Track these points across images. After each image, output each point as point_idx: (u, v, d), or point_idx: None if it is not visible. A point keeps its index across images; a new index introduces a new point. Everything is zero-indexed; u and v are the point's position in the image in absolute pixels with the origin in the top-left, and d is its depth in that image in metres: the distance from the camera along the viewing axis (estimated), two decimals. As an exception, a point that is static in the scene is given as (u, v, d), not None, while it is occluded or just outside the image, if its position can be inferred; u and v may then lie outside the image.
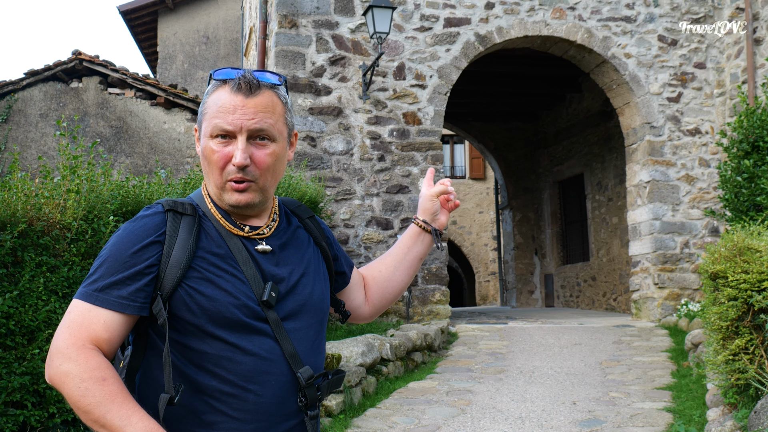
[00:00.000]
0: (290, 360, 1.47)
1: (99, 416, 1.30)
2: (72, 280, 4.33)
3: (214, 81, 1.52)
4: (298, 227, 1.65)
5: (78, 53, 11.12)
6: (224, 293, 1.43)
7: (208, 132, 1.49)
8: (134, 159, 11.42)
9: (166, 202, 1.50)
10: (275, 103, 1.52)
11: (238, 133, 1.47)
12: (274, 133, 1.51)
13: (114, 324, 1.39)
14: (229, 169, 1.48)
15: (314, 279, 1.59)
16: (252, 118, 1.47)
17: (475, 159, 21.71)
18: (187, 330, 1.41)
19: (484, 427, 5.36)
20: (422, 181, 9.57)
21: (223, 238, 1.49)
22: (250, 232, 1.53)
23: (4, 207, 4.05)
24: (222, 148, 1.48)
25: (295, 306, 1.51)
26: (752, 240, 4.69)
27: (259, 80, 1.50)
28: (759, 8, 9.83)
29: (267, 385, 1.44)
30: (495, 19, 9.94)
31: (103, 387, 1.32)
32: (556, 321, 10.76)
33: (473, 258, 21.66)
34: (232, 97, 1.48)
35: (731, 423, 4.43)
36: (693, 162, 10.34)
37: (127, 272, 1.41)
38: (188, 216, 1.49)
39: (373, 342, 6.91)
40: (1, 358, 3.97)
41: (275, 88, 1.53)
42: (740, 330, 4.48)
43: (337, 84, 9.43)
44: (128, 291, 1.40)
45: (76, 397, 1.32)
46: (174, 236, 1.45)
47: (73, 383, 1.32)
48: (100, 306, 1.39)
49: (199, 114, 1.54)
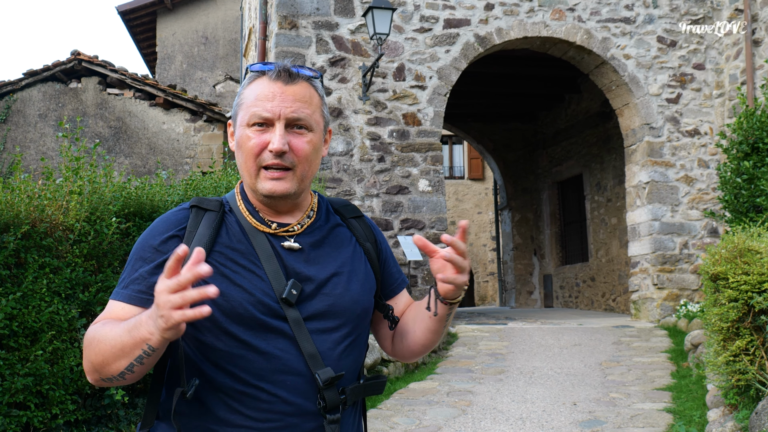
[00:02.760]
0: (309, 360, 1.42)
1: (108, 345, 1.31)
2: (75, 282, 4.33)
3: (252, 73, 1.51)
4: (339, 225, 1.59)
5: (77, 53, 11.12)
6: (239, 289, 1.40)
7: (245, 120, 1.47)
8: (133, 159, 11.41)
9: (195, 199, 1.51)
10: (312, 94, 1.51)
11: (276, 120, 1.45)
12: (312, 123, 1.49)
13: (131, 317, 1.40)
14: (264, 156, 1.46)
15: (349, 279, 1.52)
16: (290, 106, 1.46)
17: (474, 159, 21.73)
18: (202, 326, 1.40)
19: (485, 427, 5.37)
20: (422, 182, 9.62)
21: (246, 234, 1.47)
22: (277, 229, 1.49)
23: (7, 208, 4.06)
24: (259, 135, 1.46)
25: (322, 306, 1.46)
26: (752, 241, 4.70)
27: (298, 71, 1.50)
28: (758, 9, 9.85)
29: (281, 384, 1.40)
30: (494, 21, 9.96)
31: (105, 327, 1.35)
32: (556, 321, 10.78)
33: (472, 258, 21.69)
34: (271, 84, 1.47)
35: (732, 424, 4.44)
36: (692, 163, 10.36)
37: (146, 267, 1.42)
38: (211, 212, 1.48)
39: (374, 343, 6.92)
40: (4, 359, 3.97)
41: (312, 80, 1.52)
42: (741, 331, 4.49)
43: (337, 85, 9.44)
44: (147, 285, 1.40)
45: (92, 353, 1.34)
46: (193, 231, 1.45)
47: (87, 347, 1.35)
48: (122, 301, 1.41)
49: (235, 107, 1.53)
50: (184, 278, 1.19)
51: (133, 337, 1.27)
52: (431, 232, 9.57)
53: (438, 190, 9.65)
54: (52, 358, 4.19)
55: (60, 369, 4.18)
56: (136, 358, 1.29)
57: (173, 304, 1.19)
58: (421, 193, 9.59)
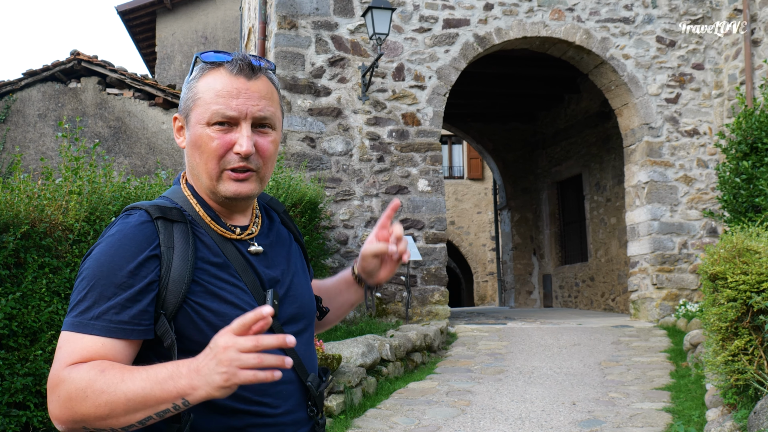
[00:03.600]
0: (297, 368, 1.40)
1: (122, 397, 1.16)
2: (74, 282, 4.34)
3: (204, 64, 1.39)
4: (279, 224, 1.56)
5: (76, 53, 11.12)
6: (230, 306, 1.33)
7: (205, 119, 1.36)
8: (133, 159, 11.42)
9: (152, 208, 1.35)
10: (272, 89, 1.42)
11: (242, 120, 1.36)
12: (275, 122, 1.41)
13: (114, 353, 1.24)
14: (229, 158, 1.36)
15: (303, 279, 1.51)
16: (256, 104, 1.37)
17: (473, 159, 21.74)
18: (193, 350, 1.24)
19: (485, 427, 5.37)
20: (421, 182, 9.62)
21: (218, 246, 1.38)
22: (241, 234, 1.42)
23: (7, 208, 4.06)
24: (222, 136, 1.35)
25: (293, 310, 1.44)
26: (751, 241, 4.70)
27: (259, 64, 1.40)
28: (757, 9, 9.86)
29: (280, 396, 1.37)
30: (494, 20, 9.96)
31: (106, 374, 1.18)
32: (555, 321, 10.79)
33: (471, 258, 21.69)
34: (233, 80, 1.36)
35: (731, 423, 4.45)
36: (691, 163, 10.37)
37: (126, 293, 1.26)
38: (180, 223, 1.35)
39: (373, 343, 6.92)
40: (3, 359, 3.98)
41: (269, 73, 1.43)
42: (739, 331, 4.50)
43: (336, 85, 9.44)
44: (130, 314, 1.25)
45: (90, 406, 1.17)
46: (170, 248, 1.32)
47: (78, 398, 1.18)
48: (98, 335, 1.24)
49: (186, 101, 1.40)
50: (267, 342, 1.13)
51: (165, 390, 1.16)
52: (431, 232, 9.57)
53: (437, 190, 9.66)
54: (52, 358, 4.19)
55: (59, 369, 4.17)
56: (159, 411, 1.17)
57: (244, 363, 1.12)
58: (420, 193, 9.60)
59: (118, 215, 1.40)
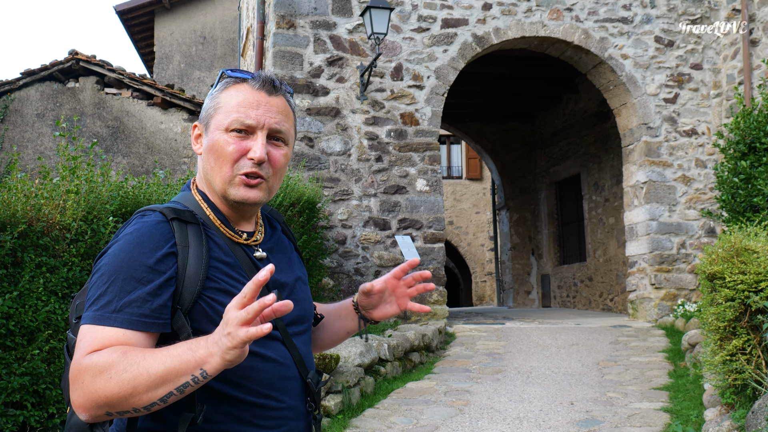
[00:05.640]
0: (299, 366, 1.50)
1: (144, 374, 1.21)
2: (71, 281, 4.33)
3: (228, 79, 1.50)
4: (281, 233, 1.67)
5: (75, 53, 11.10)
6: None
7: (224, 125, 1.46)
8: (131, 159, 11.40)
9: (166, 210, 1.43)
10: (289, 110, 1.53)
11: (259, 129, 1.46)
12: (289, 138, 1.52)
13: (134, 344, 1.29)
14: (242, 163, 1.45)
15: (304, 286, 1.62)
16: (274, 117, 1.47)
17: (471, 159, 21.73)
18: None
19: (482, 427, 5.37)
20: (419, 181, 9.61)
21: (228, 246, 1.48)
22: (247, 239, 1.52)
23: (4, 208, 4.06)
24: (239, 142, 1.45)
25: (296, 313, 1.53)
26: (749, 241, 4.71)
27: (280, 84, 1.52)
28: (755, 9, 9.86)
29: (285, 390, 1.46)
30: (492, 20, 9.96)
31: (128, 355, 1.23)
32: (553, 321, 10.79)
33: (470, 258, 21.69)
34: (255, 93, 1.47)
35: (728, 423, 4.45)
36: (689, 163, 10.37)
37: (146, 288, 1.32)
38: (193, 224, 1.44)
39: (371, 342, 6.92)
40: (0, 358, 3.97)
41: (288, 96, 1.54)
42: (737, 330, 4.50)
43: (334, 84, 9.43)
44: (150, 308, 1.32)
45: (114, 385, 1.21)
46: (186, 246, 1.40)
47: (102, 378, 1.22)
48: (119, 326, 1.29)
49: (208, 110, 1.51)
50: (267, 300, 1.19)
51: (184, 361, 1.21)
52: (429, 231, 9.57)
53: (436, 190, 9.66)
54: (49, 357, 4.19)
55: (57, 368, 4.18)
56: (180, 385, 1.22)
57: (242, 319, 1.17)
58: (418, 193, 9.59)
59: (124, 217, 1.46)
